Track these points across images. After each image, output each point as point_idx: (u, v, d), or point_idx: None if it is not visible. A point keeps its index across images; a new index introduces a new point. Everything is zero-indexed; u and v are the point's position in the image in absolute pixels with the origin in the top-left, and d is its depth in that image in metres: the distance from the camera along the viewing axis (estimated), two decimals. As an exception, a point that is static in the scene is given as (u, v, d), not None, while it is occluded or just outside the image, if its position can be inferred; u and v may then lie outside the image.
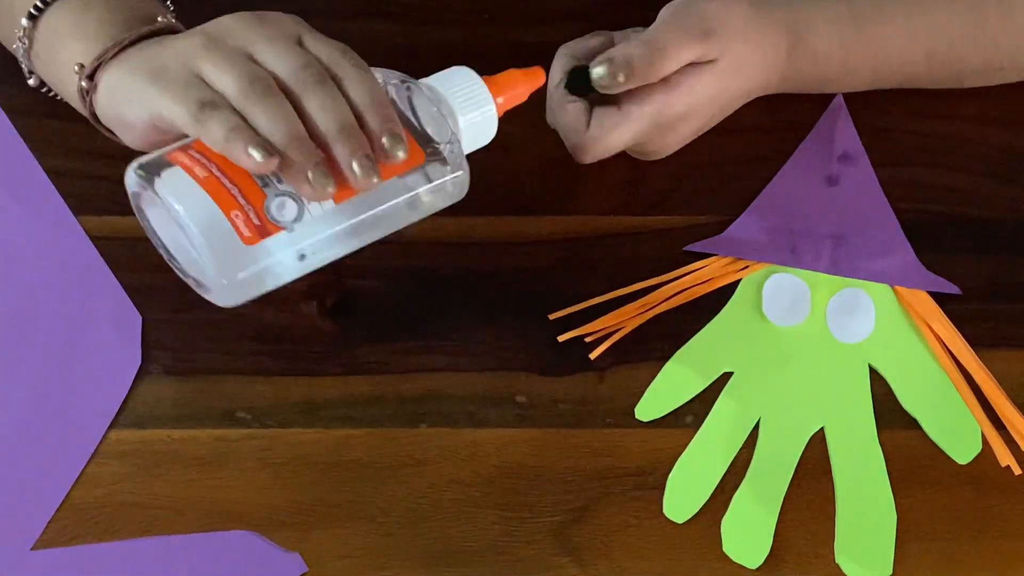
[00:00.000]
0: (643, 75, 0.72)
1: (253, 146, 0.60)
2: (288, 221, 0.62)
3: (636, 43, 0.72)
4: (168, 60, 0.64)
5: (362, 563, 0.70)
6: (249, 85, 0.61)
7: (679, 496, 0.71)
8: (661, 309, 0.76)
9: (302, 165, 0.60)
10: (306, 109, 0.62)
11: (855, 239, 0.78)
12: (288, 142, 0.60)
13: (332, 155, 0.61)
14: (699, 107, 0.75)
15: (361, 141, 0.61)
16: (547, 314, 0.76)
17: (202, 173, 0.62)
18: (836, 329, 0.76)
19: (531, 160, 0.79)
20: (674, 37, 0.72)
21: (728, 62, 0.74)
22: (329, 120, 0.61)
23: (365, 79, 0.63)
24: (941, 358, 0.75)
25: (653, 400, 0.74)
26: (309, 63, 0.62)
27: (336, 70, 0.63)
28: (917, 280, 0.77)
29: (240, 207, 0.61)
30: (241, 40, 0.63)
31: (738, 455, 0.73)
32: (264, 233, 0.62)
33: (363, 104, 0.62)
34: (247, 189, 0.62)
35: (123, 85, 0.66)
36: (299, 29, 0.65)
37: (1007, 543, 0.71)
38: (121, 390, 0.73)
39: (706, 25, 0.73)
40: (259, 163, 0.60)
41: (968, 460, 0.73)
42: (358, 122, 0.62)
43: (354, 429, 0.73)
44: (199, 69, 0.63)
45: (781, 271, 0.77)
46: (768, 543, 0.70)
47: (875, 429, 0.73)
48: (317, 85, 0.62)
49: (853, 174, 0.80)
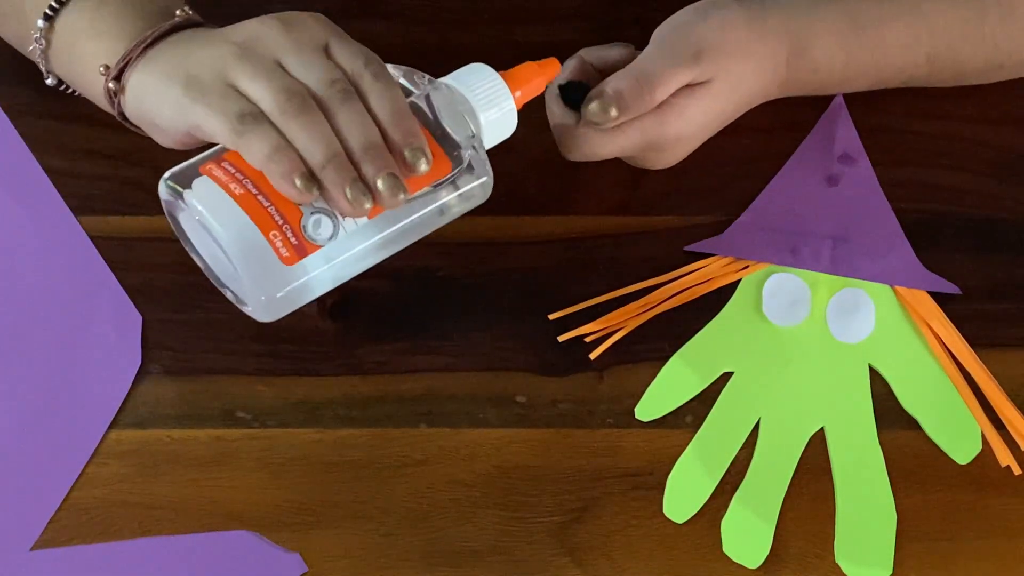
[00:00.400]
0: (635, 108, 0.72)
1: (297, 174, 0.61)
2: (325, 239, 0.63)
3: (626, 75, 0.72)
4: (200, 68, 0.64)
5: (362, 563, 0.70)
6: (286, 100, 0.62)
7: (679, 496, 0.71)
8: (661, 309, 0.76)
9: (340, 183, 0.61)
10: (333, 125, 0.62)
11: (855, 239, 0.78)
12: (326, 162, 0.61)
13: (360, 174, 0.62)
14: (692, 128, 0.75)
15: (385, 159, 0.62)
16: (547, 314, 0.75)
17: (238, 190, 0.62)
18: (836, 329, 0.76)
19: (531, 160, 0.79)
20: (664, 64, 0.72)
21: (723, 81, 0.74)
22: (354, 139, 0.62)
23: (387, 92, 0.64)
24: (941, 358, 0.75)
25: (653, 400, 0.74)
26: (335, 79, 0.63)
27: (359, 82, 0.64)
28: (917, 280, 0.77)
29: (278, 227, 0.62)
30: (270, 49, 0.64)
31: (738, 455, 0.73)
32: (303, 252, 0.63)
33: (386, 119, 0.63)
34: (283, 207, 0.63)
35: (154, 90, 0.66)
36: (325, 33, 0.65)
37: (1007, 543, 0.71)
38: (121, 390, 0.73)
39: (698, 48, 0.73)
40: (301, 192, 0.61)
41: (968, 460, 0.73)
42: (384, 135, 0.63)
43: (354, 429, 0.73)
44: (233, 79, 0.63)
45: (781, 271, 0.77)
46: (768, 543, 0.70)
47: (875, 429, 0.73)
48: (343, 102, 0.62)
49: (853, 174, 0.80)
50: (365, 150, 0.62)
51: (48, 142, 0.80)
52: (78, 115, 0.79)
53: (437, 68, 0.69)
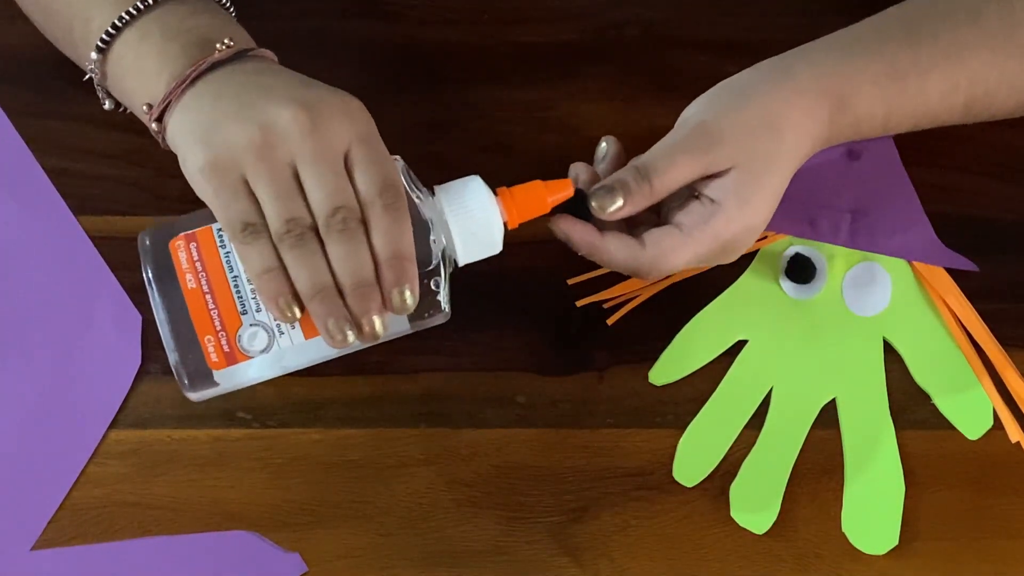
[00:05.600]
0: (640, 203, 0.68)
1: (282, 298, 0.63)
2: (257, 351, 0.66)
3: (631, 169, 0.69)
4: (220, 149, 0.64)
5: (362, 563, 0.70)
6: (286, 230, 0.63)
7: (689, 460, 0.72)
8: (678, 278, 0.76)
9: (323, 316, 0.63)
10: (328, 254, 0.63)
11: (874, 213, 0.78)
12: (313, 294, 0.63)
13: (346, 305, 0.63)
14: (759, 218, 0.70)
15: (372, 300, 0.63)
16: (547, 314, 0.76)
17: (192, 284, 0.65)
18: (852, 302, 0.76)
19: (531, 160, 0.79)
20: (669, 156, 0.68)
21: (747, 167, 0.69)
22: (345, 275, 0.63)
23: (392, 229, 0.64)
24: (956, 334, 0.76)
25: (667, 364, 0.74)
26: (339, 207, 0.63)
27: (368, 211, 0.64)
28: (935, 256, 0.77)
29: (215, 332, 0.65)
30: (291, 151, 0.64)
31: (749, 422, 0.73)
32: (232, 360, 0.65)
33: (384, 257, 0.64)
34: (226, 312, 0.65)
35: (181, 142, 0.66)
36: (350, 136, 0.65)
37: (1007, 543, 0.71)
38: (121, 390, 0.73)
39: (709, 137, 0.68)
40: (283, 313, 0.63)
41: (979, 436, 0.73)
42: (377, 268, 0.64)
43: (354, 429, 0.73)
44: (246, 173, 0.64)
45: (800, 243, 0.77)
46: (775, 510, 0.71)
47: (887, 402, 0.74)
48: (340, 234, 0.63)
49: (875, 149, 0.80)
50: (353, 288, 0.63)
51: (48, 142, 0.80)
52: (78, 115, 0.79)
53: (436, 68, 0.69)
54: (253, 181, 0.64)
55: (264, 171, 0.64)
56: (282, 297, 0.63)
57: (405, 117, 0.79)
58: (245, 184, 0.64)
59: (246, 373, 0.66)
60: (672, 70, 0.83)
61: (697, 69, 0.76)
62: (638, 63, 0.83)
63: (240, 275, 0.65)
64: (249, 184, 0.64)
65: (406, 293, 0.64)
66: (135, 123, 0.76)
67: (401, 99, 0.81)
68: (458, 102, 0.81)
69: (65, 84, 0.79)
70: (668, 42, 0.84)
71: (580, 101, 0.82)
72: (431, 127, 0.81)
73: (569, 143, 0.80)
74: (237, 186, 0.64)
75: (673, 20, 0.85)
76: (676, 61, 0.83)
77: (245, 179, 0.64)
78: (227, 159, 0.64)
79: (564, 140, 0.81)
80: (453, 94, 0.82)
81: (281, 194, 0.64)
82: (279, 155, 0.64)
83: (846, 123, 0.72)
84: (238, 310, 0.65)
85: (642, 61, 0.83)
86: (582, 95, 0.82)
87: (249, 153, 0.64)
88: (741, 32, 0.84)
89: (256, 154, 0.64)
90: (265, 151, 0.64)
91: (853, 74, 0.71)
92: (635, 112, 0.81)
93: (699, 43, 0.84)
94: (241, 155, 0.64)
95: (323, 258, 0.63)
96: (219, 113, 0.65)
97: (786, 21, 0.83)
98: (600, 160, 0.72)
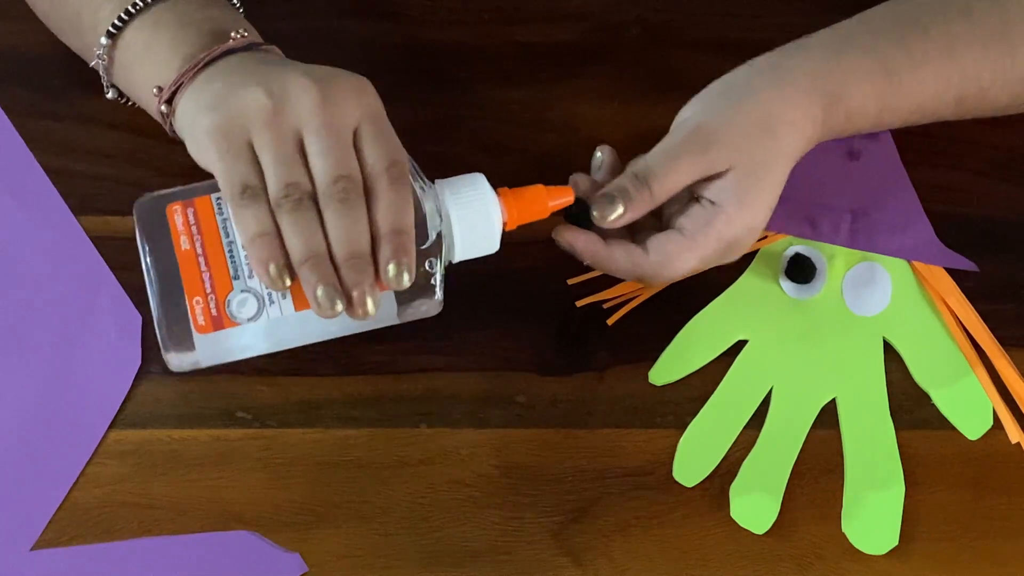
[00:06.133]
0: (641, 209, 0.69)
1: (273, 263, 0.62)
2: (244, 319, 0.65)
3: (629, 175, 0.69)
4: (230, 113, 0.64)
5: (362, 563, 0.70)
6: (285, 195, 0.63)
7: (689, 460, 0.72)
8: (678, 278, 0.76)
9: (313, 283, 0.62)
10: (324, 223, 0.63)
11: (874, 213, 0.78)
12: (304, 259, 0.62)
13: (339, 277, 0.63)
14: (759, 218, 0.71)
15: (366, 273, 0.63)
16: (547, 314, 0.76)
17: (185, 245, 0.65)
18: (852, 302, 0.76)
19: (531, 160, 0.79)
20: (667, 160, 0.69)
21: (745, 167, 0.69)
22: (339, 245, 0.63)
23: (396, 203, 0.64)
24: (956, 334, 0.76)
25: (667, 364, 0.74)
26: (340, 176, 0.63)
27: (374, 184, 0.64)
28: (935, 256, 0.77)
29: (204, 294, 0.65)
30: (299, 119, 0.64)
31: (749, 422, 0.73)
32: (218, 325, 0.65)
33: (385, 231, 0.63)
34: (218, 276, 0.65)
35: (190, 120, 0.66)
36: (360, 114, 0.65)
37: (1007, 543, 0.71)
38: (121, 390, 0.73)
39: (706, 140, 0.69)
40: (272, 280, 0.63)
41: (979, 436, 0.73)
42: (375, 241, 0.63)
43: (354, 429, 0.73)
44: (252, 138, 0.64)
45: (800, 243, 0.78)
46: (775, 510, 0.71)
47: (887, 401, 0.74)
48: (340, 204, 0.63)
49: (875, 149, 0.80)
50: (347, 259, 0.63)
51: (48, 142, 0.80)
52: (78, 115, 0.80)
53: (436, 69, 0.69)
54: (258, 147, 0.64)
55: (270, 138, 0.64)
56: (273, 263, 0.62)
57: (405, 117, 0.78)
58: (250, 149, 0.64)
59: (234, 341, 0.66)
60: (672, 70, 0.83)
61: (697, 69, 0.76)
62: (638, 63, 0.83)
63: (235, 241, 0.65)
64: (255, 150, 0.64)
65: (403, 267, 0.63)
66: (135, 123, 0.76)
67: (401, 99, 0.80)
68: (458, 102, 0.82)
69: (65, 84, 0.80)
70: (668, 42, 0.84)
71: (580, 101, 0.82)
72: (431, 127, 0.81)
73: (569, 143, 0.80)
74: (241, 150, 0.64)
75: (673, 20, 0.85)
76: (676, 61, 0.83)
77: (251, 145, 0.64)
78: (235, 124, 0.64)
79: (564, 140, 0.81)
80: (453, 94, 0.82)
81: (284, 160, 0.63)
82: (287, 123, 0.64)
83: (839, 119, 0.72)
84: (230, 275, 0.65)
85: (642, 61, 0.83)
86: (582, 95, 0.82)
87: (258, 119, 0.64)
88: (741, 32, 0.84)
89: (264, 121, 0.64)
90: (274, 118, 0.64)
91: (846, 71, 0.72)
92: (634, 112, 0.81)
93: (699, 43, 0.84)
94: (250, 121, 0.64)
95: (320, 226, 0.63)
96: (231, 85, 0.66)
97: (786, 21, 0.83)
98: (596, 170, 0.72)
